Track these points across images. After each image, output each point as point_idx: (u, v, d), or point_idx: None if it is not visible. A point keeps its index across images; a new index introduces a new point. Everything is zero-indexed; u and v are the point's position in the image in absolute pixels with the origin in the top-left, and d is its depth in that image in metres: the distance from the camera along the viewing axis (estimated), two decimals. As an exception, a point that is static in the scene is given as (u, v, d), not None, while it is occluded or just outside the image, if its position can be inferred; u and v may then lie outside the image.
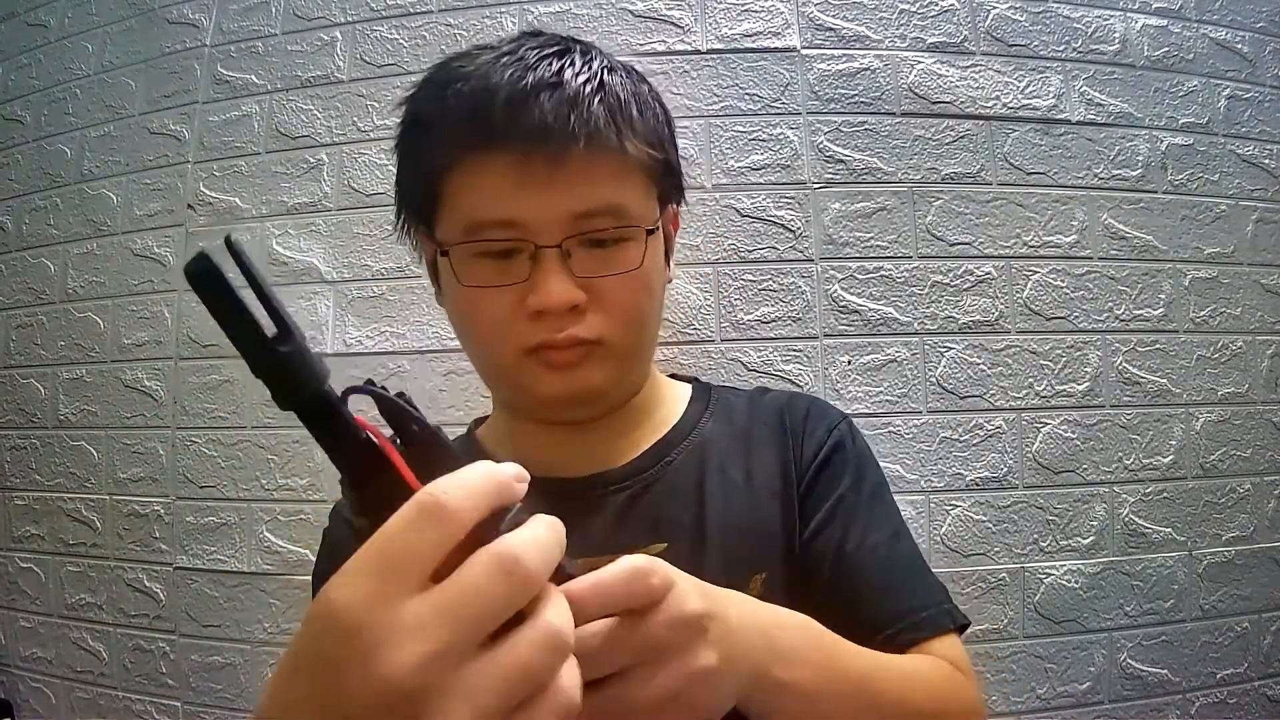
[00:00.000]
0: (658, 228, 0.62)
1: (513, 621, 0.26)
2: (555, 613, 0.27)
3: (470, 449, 0.71)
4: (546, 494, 0.33)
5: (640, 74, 0.64)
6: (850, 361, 1.11)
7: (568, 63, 0.57)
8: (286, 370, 0.27)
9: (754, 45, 1.17)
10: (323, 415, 0.28)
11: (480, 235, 0.57)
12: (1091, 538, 1.11)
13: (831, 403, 1.09)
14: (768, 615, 0.43)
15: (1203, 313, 1.18)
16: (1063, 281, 1.15)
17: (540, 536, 0.27)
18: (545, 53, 0.58)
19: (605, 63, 0.60)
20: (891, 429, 1.10)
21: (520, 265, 0.57)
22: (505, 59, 0.57)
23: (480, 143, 0.56)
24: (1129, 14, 1.22)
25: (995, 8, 1.19)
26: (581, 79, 0.56)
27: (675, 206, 0.70)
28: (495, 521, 0.27)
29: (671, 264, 0.71)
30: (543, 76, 0.56)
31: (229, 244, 0.26)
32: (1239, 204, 1.22)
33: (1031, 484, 1.11)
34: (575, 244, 0.57)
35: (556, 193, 0.56)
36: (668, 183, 0.66)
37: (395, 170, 0.66)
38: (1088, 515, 1.12)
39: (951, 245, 1.14)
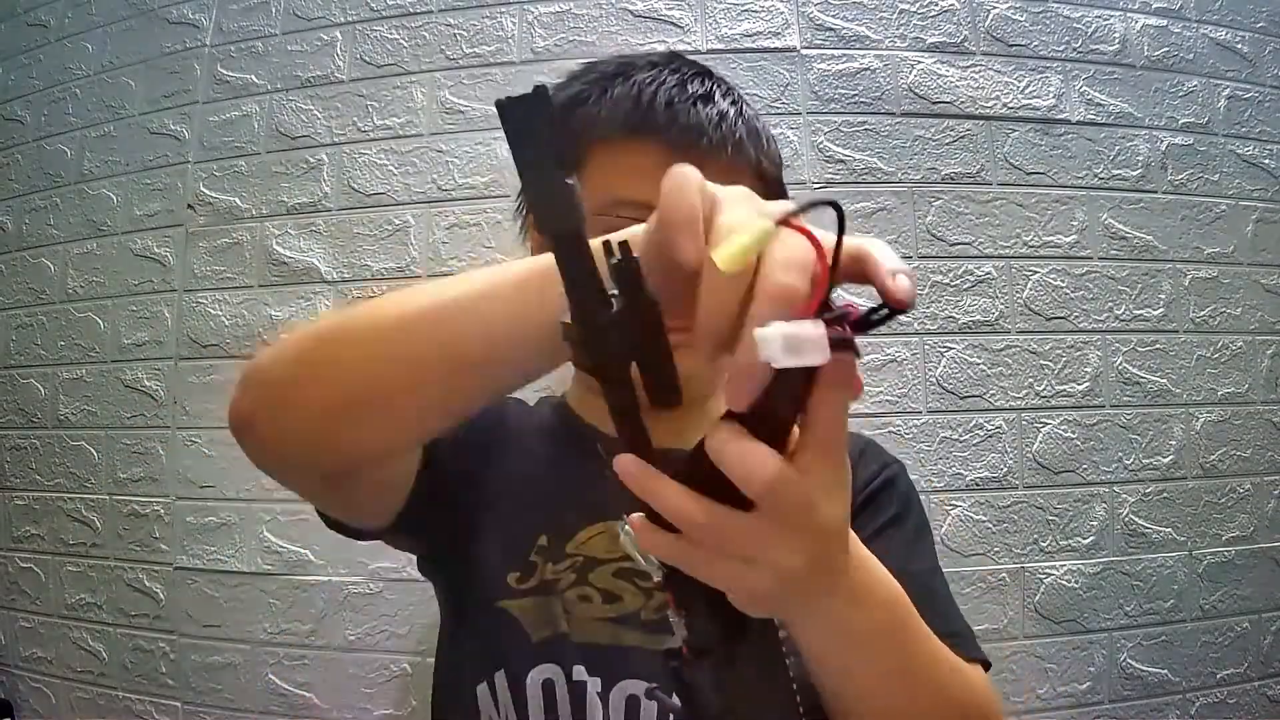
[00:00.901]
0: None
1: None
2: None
3: (561, 411, 0.74)
4: (614, 454, 0.34)
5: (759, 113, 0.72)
6: (850, 361, 1.11)
7: (715, 84, 0.65)
8: (567, 197, 0.31)
9: (754, 45, 1.17)
10: (572, 248, 0.32)
11: (618, 212, 0.60)
12: (1091, 538, 1.11)
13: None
14: (866, 565, 0.43)
15: (1203, 313, 1.18)
16: (1063, 281, 1.15)
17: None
18: (696, 71, 0.66)
19: (740, 94, 0.68)
20: (891, 429, 1.10)
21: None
22: (660, 69, 0.65)
23: (636, 130, 0.61)
24: (1129, 14, 1.22)
25: (995, 8, 1.19)
26: (727, 101, 0.64)
27: None
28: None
29: None
30: (697, 90, 0.63)
31: (543, 91, 0.30)
32: (1239, 204, 1.22)
33: (1031, 484, 1.11)
34: None
35: None
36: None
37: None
38: (1088, 515, 1.12)
39: (951, 245, 1.14)
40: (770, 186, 0.67)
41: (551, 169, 0.31)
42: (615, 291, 0.32)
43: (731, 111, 0.63)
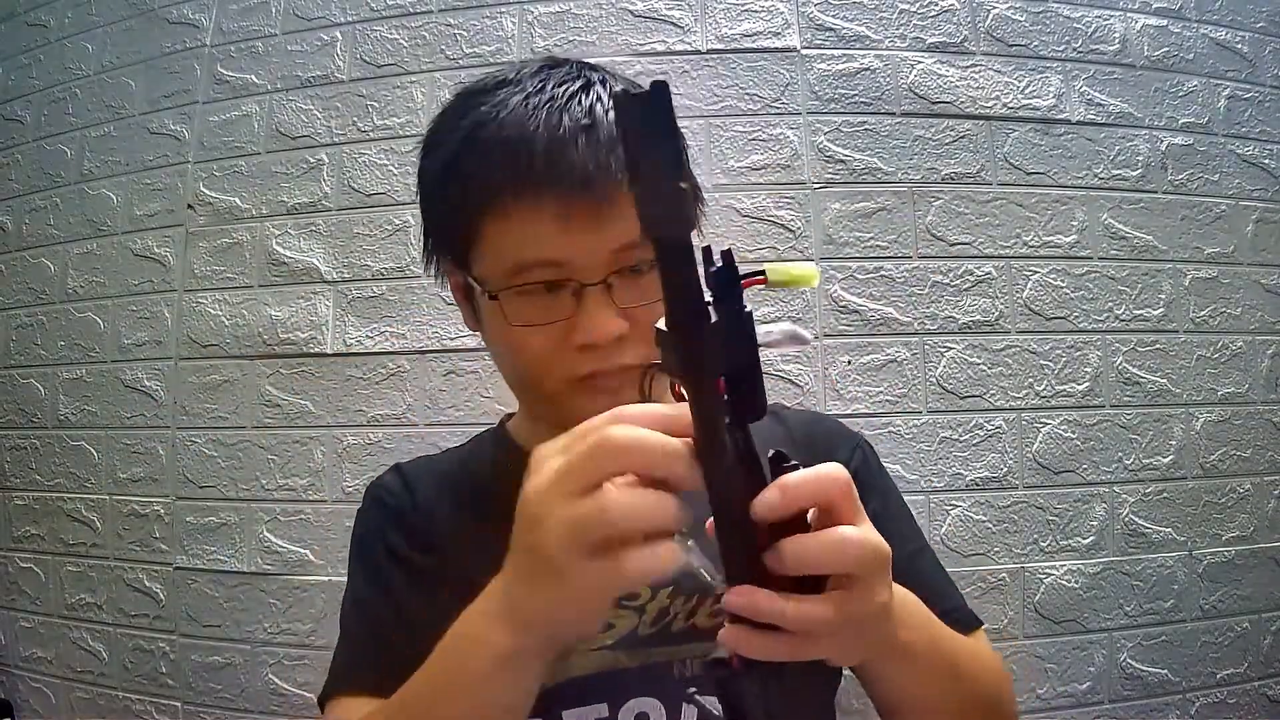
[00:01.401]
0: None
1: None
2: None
3: (503, 444, 0.72)
4: None
5: None
6: (850, 361, 1.11)
7: (594, 98, 0.59)
8: (680, 201, 0.30)
9: (754, 45, 1.17)
10: (678, 255, 0.31)
11: (525, 276, 0.58)
12: (1091, 538, 1.11)
13: (831, 403, 1.10)
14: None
15: (1203, 313, 1.18)
16: (1063, 281, 1.15)
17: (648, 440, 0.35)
18: (571, 89, 0.59)
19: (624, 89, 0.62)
20: (891, 429, 1.10)
21: (564, 301, 0.58)
22: (534, 99, 0.59)
23: (522, 189, 0.57)
24: (1129, 14, 1.22)
25: (995, 8, 1.19)
26: (611, 115, 0.58)
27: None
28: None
29: None
30: (577, 119, 0.57)
31: (664, 89, 0.30)
32: (1239, 204, 1.22)
33: (1031, 484, 1.11)
34: (616, 276, 0.59)
35: (599, 232, 0.57)
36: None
37: (421, 201, 0.67)
38: (1088, 515, 1.12)
39: (951, 245, 1.14)
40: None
41: (666, 171, 0.29)
42: (712, 301, 0.32)
43: (616, 132, 0.59)
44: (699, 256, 0.33)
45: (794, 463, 0.36)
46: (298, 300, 1.20)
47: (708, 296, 0.32)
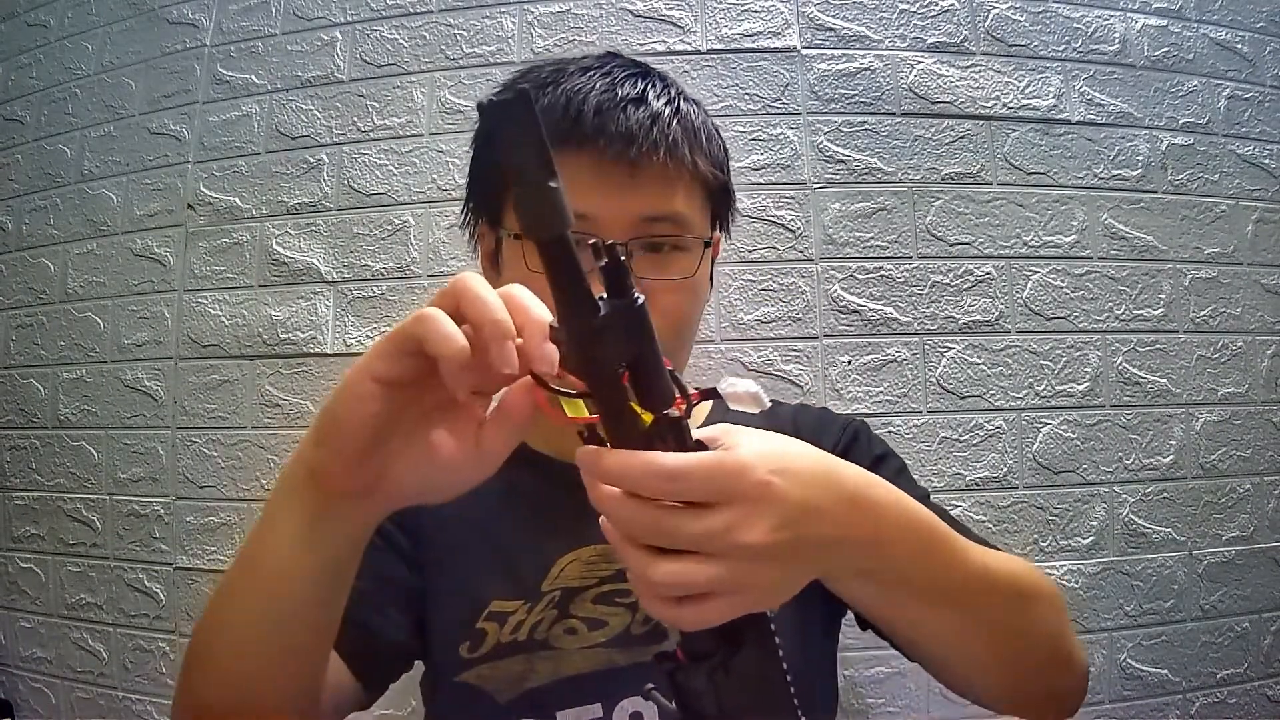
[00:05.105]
0: (713, 241, 0.68)
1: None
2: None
3: None
4: (573, 481, 0.36)
5: (705, 109, 0.70)
6: (850, 361, 1.11)
7: (649, 85, 0.64)
8: (554, 202, 0.30)
9: (754, 45, 1.17)
10: (561, 253, 0.32)
11: None
12: (1091, 538, 1.11)
13: (831, 403, 1.10)
14: (876, 503, 0.43)
15: (1203, 313, 1.18)
16: (1063, 281, 1.15)
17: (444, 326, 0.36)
18: (630, 72, 0.65)
19: (679, 91, 0.67)
20: (891, 429, 1.10)
21: (584, 257, 0.60)
22: (593, 73, 0.63)
23: (566, 140, 0.60)
24: (1129, 14, 1.22)
25: (995, 8, 1.19)
26: (662, 101, 0.63)
27: (719, 233, 0.73)
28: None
29: (713, 283, 0.75)
30: (629, 93, 0.62)
31: (526, 95, 0.30)
32: (1239, 204, 1.22)
33: (1031, 484, 1.11)
34: (637, 246, 0.61)
35: (629, 195, 0.60)
36: (722, 205, 0.72)
37: (473, 153, 0.72)
38: (1088, 515, 1.12)
39: (951, 245, 1.14)
40: (711, 186, 0.66)
41: (537, 173, 0.30)
42: (603, 295, 0.33)
43: (666, 112, 0.62)
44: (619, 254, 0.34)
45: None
46: (298, 300, 1.20)
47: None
